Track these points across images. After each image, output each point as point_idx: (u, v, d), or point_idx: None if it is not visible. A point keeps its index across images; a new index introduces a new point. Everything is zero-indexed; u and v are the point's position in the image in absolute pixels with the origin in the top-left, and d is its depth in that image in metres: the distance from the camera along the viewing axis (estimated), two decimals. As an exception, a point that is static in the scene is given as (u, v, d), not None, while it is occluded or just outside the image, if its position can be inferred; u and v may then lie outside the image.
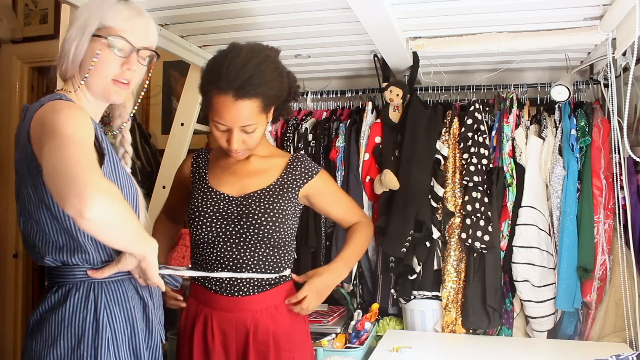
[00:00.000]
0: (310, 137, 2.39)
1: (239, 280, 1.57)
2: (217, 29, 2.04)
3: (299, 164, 1.68)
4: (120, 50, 1.25)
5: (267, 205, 1.58)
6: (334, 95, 2.51)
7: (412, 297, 2.15)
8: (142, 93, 1.38)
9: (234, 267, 1.57)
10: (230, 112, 1.49)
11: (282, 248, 1.62)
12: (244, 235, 1.57)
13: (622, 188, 1.97)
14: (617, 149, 1.93)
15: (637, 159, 1.68)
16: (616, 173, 1.97)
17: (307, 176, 1.67)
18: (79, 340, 1.18)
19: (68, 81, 1.28)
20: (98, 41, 1.24)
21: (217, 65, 1.51)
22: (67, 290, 1.22)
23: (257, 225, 1.56)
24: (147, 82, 1.36)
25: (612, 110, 1.87)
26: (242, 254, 1.57)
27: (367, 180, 2.26)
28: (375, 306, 2.16)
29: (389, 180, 2.13)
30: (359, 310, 2.17)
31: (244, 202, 1.59)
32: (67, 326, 1.19)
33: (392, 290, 2.22)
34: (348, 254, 1.69)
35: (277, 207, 1.59)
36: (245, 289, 1.58)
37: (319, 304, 1.63)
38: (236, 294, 1.58)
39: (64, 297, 1.21)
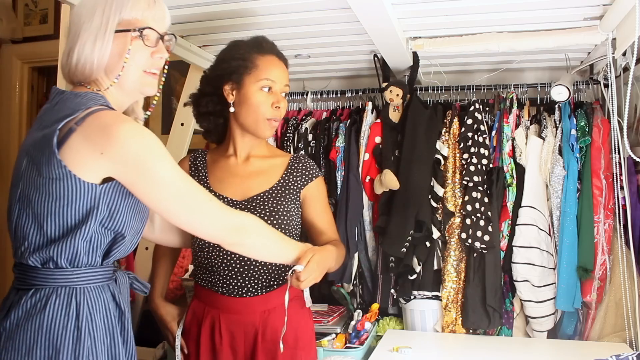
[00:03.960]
0: (310, 137, 2.39)
1: (247, 281, 1.57)
2: (217, 29, 2.03)
3: (300, 164, 1.68)
4: (149, 40, 1.22)
5: (271, 208, 1.58)
6: (334, 95, 2.51)
7: (412, 297, 2.15)
8: (163, 79, 1.32)
9: (240, 269, 1.57)
10: (279, 69, 1.61)
11: None
12: None
13: (622, 188, 1.97)
14: (617, 149, 1.93)
15: (637, 159, 1.68)
16: (616, 173, 1.97)
17: (308, 178, 1.67)
18: (57, 350, 1.10)
19: (92, 82, 1.22)
20: (124, 36, 1.19)
21: (249, 39, 1.65)
22: (46, 295, 1.14)
23: None
24: (166, 67, 1.30)
25: (612, 110, 1.87)
26: (247, 257, 1.57)
27: (367, 180, 2.26)
28: (375, 306, 2.16)
29: (389, 180, 2.13)
30: (359, 310, 2.17)
31: (248, 206, 1.59)
32: (46, 334, 1.11)
33: (392, 290, 2.22)
34: (335, 250, 1.60)
35: (281, 209, 1.59)
36: (254, 290, 1.58)
37: (318, 279, 1.50)
38: (244, 294, 1.58)
39: (42, 302, 1.13)
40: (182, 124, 2.44)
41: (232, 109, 1.62)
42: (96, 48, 1.18)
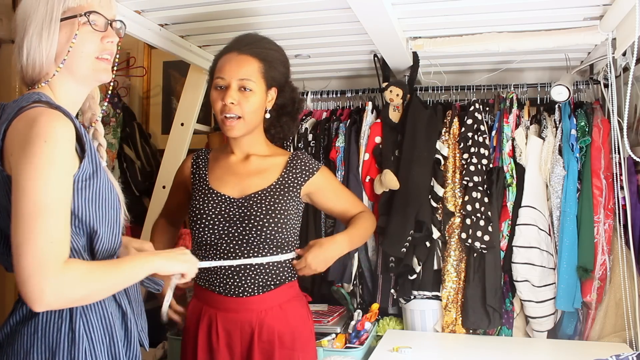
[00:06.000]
0: (310, 137, 2.39)
1: (243, 281, 1.57)
2: (217, 29, 2.04)
3: (299, 161, 1.68)
4: (97, 25, 1.16)
5: (268, 206, 1.58)
6: (334, 95, 2.51)
7: (412, 297, 2.15)
8: (115, 68, 1.25)
9: (236, 269, 1.57)
10: (231, 64, 1.59)
11: (286, 248, 1.62)
12: (246, 237, 1.56)
13: (622, 188, 1.97)
14: (617, 149, 1.93)
15: (637, 159, 1.68)
16: (616, 173, 1.97)
17: (307, 174, 1.67)
18: (53, 352, 1.09)
19: (42, 79, 1.17)
20: (71, 23, 1.14)
21: (230, 41, 1.66)
22: None
23: (259, 227, 1.56)
24: (117, 56, 1.24)
25: (612, 110, 1.87)
26: (245, 255, 1.57)
27: (367, 180, 2.26)
28: (375, 306, 2.16)
29: (389, 180, 2.13)
30: (359, 310, 2.17)
31: (245, 204, 1.59)
32: (41, 338, 1.10)
33: (392, 290, 2.22)
34: (353, 232, 1.70)
35: (278, 208, 1.59)
36: (250, 290, 1.58)
37: (323, 269, 1.64)
38: (241, 294, 1.58)
39: None
40: (182, 124, 2.44)
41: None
42: (43, 39, 1.13)
